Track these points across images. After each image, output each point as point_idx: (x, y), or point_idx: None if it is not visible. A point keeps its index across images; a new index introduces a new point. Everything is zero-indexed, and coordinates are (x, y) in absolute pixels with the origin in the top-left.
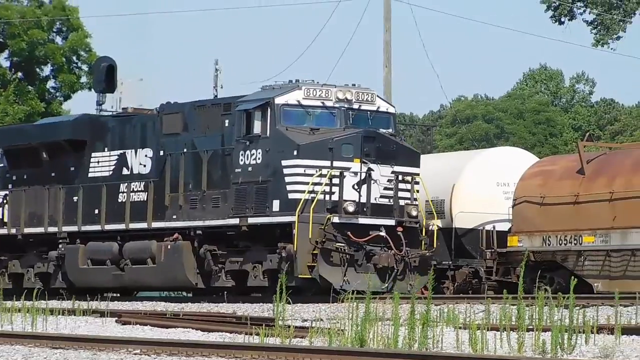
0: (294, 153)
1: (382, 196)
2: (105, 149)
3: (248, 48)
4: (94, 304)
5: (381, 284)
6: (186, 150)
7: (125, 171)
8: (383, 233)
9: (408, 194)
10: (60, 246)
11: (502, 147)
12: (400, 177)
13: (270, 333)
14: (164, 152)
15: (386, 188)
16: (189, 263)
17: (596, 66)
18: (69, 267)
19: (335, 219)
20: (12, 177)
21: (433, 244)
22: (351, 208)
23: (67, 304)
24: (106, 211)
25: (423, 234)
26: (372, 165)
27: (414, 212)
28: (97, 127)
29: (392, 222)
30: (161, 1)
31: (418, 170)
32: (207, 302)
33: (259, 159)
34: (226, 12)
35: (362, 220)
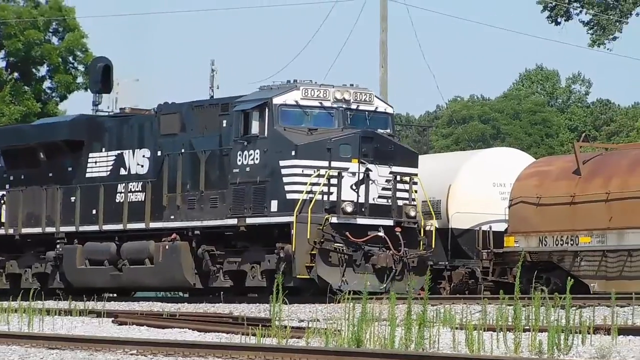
0: (292, 153)
1: (381, 196)
2: (102, 150)
3: (244, 48)
4: (91, 305)
5: (379, 285)
6: (184, 150)
7: (122, 171)
8: (381, 233)
9: (406, 194)
10: (57, 246)
11: (498, 148)
12: (398, 178)
13: (267, 333)
14: (162, 153)
15: (384, 188)
16: (187, 263)
17: (592, 67)
18: (67, 268)
19: (333, 219)
20: (10, 178)
21: (431, 245)
22: (349, 208)
23: (64, 305)
24: (104, 211)
25: (421, 235)
26: (370, 165)
27: (412, 213)
28: (95, 128)
29: (391, 223)
30: (158, 2)
31: (416, 170)
32: (204, 303)
33: (257, 159)
34: (222, 13)
35: (361, 220)
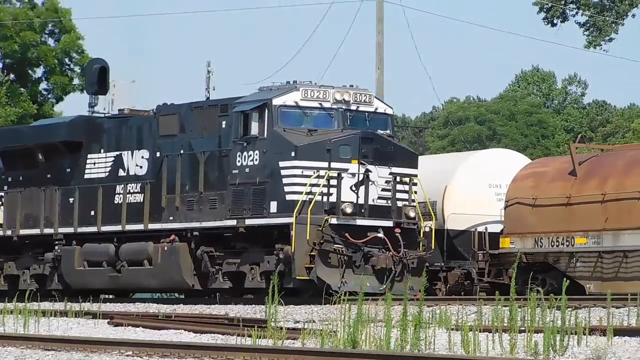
0: (292, 154)
1: (380, 197)
2: (101, 151)
3: (240, 50)
4: (86, 306)
5: (379, 286)
6: (183, 151)
7: (121, 172)
8: (381, 234)
9: (406, 195)
10: (56, 248)
11: (494, 149)
12: (398, 179)
13: (262, 334)
14: (161, 154)
15: (384, 189)
16: (186, 264)
17: (588, 68)
18: (65, 269)
19: (333, 221)
20: (8, 179)
21: (431, 246)
22: (349, 209)
23: (60, 306)
24: (102, 212)
25: (421, 236)
26: (370, 166)
27: (412, 214)
28: (93, 129)
29: (390, 224)
30: (154, 3)
31: (416, 171)
32: (200, 304)
33: (257, 160)
34: (219, 14)
35: (360, 221)
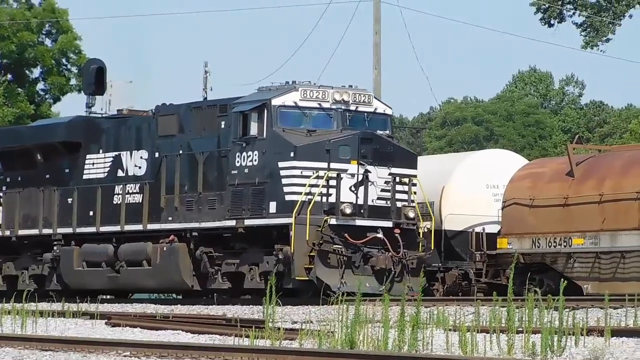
0: (291, 155)
1: (380, 198)
2: (100, 151)
3: (238, 50)
4: (84, 306)
5: (379, 286)
6: (182, 151)
7: (120, 173)
8: (380, 235)
9: (405, 196)
10: (55, 248)
11: (492, 150)
12: (397, 179)
13: (260, 335)
14: (160, 154)
15: (383, 190)
16: (185, 265)
17: (585, 68)
18: (64, 269)
19: (332, 221)
20: (7, 179)
21: (430, 246)
22: (348, 210)
23: (57, 306)
24: (101, 213)
25: (420, 236)
26: (369, 167)
27: (411, 214)
28: (92, 129)
29: (390, 224)
30: (151, 4)
31: (415, 171)
32: (198, 305)
33: (256, 161)
34: (216, 15)
35: (359, 222)
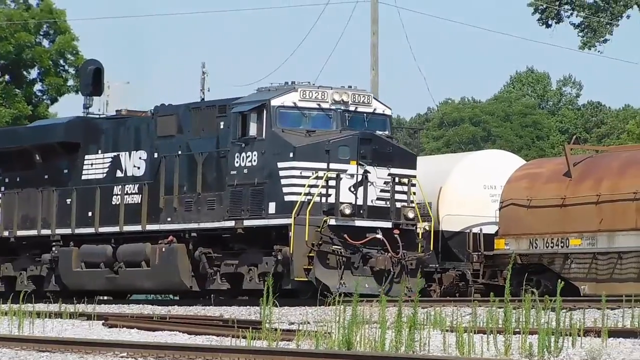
0: (290, 155)
1: (379, 198)
2: (98, 152)
3: (235, 51)
4: (81, 307)
5: (378, 287)
6: (181, 152)
7: (119, 173)
8: (379, 235)
9: (404, 196)
10: (53, 249)
11: (489, 150)
12: (396, 179)
13: (257, 336)
14: (159, 154)
15: (383, 190)
16: (184, 266)
17: (583, 69)
18: (63, 270)
19: (331, 222)
20: (5, 180)
21: (429, 247)
22: (348, 210)
23: (54, 307)
24: (100, 214)
25: (420, 237)
26: (369, 167)
27: (411, 215)
28: (91, 130)
29: (389, 225)
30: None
31: (414, 172)
32: (195, 306)
33: (255, 161)
34: (214, 16)
35: (359, 222)
